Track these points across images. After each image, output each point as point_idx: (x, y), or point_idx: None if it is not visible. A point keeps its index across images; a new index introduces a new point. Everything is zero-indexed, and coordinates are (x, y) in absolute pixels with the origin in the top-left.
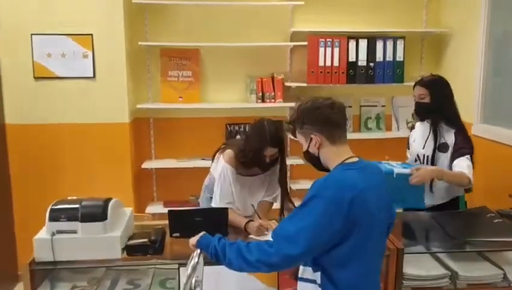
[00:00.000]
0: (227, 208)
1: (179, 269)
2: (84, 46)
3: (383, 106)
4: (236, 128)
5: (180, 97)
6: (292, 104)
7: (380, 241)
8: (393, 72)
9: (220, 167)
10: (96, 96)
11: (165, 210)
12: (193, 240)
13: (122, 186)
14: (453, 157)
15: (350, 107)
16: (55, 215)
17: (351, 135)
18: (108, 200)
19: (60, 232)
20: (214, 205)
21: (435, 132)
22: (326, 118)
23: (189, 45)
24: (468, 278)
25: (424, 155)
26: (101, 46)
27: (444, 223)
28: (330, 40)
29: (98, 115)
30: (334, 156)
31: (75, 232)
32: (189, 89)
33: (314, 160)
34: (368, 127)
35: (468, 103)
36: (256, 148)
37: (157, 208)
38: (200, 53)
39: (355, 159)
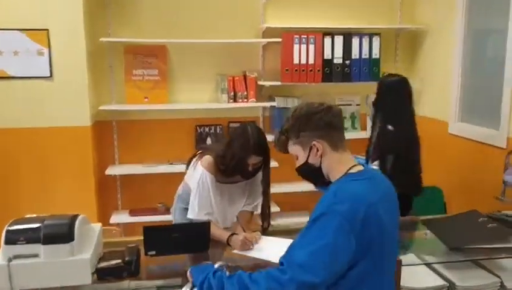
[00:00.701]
0: (209, 222)
1: None
2: (39, 43)
3: (357, 105)
4: (207, 130)
5: (145, 98)
6: (266, 104)
7: (393, 258)
8: (370, 69)
9: (198, 174)
10: (54, 98)
11: (131, 219)
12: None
13: (84, 195)
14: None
15: None
16: (12, 238)
17: None
18: (74, 218)
19: (18, 257)
20: (191, 216)
21: (372, 126)
22: (326, 123)
23: (155, 41)
24: (466, 289)
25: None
26: (58, 43)
27: (438, 231)
28: (305, 36)
29: (57, 118)
30: (337, 164)
31: (36, 256)
32: (155, 88)
33: (314, 172)
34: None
35: (445, 101)
36: (239, 156)
37: (122, 217)
38: (167, 50)
39: (361, 168)
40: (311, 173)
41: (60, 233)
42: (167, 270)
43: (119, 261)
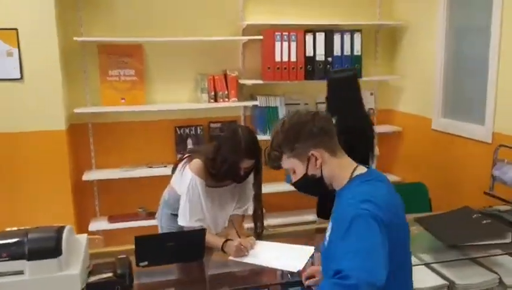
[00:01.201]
0: (205, 229)
1: None
2: (7, 43)
3: None
4: (187, 131)
5: (122, 99)
6: (248, 103)
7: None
8: (352, 66)
9: (188, 179)
10: (26, 101)
11: (111, 226)
12: None
13: (60, 203)
14: None
15: (306, 104)
16: None
17: None
18: (61, 230)
19: (1, 275)
20: (183, 223)
21: None
22: (320, 129)
23: (131, 40)
24: (466, 287)
25: None
26: (29, 43)
27: (433, 229)
28: (286, 33)
29: (29, 122)
30: (339, 170)
31: (21, 273)
32: (132, 89)
33: (316, 184)
34: None
35: (428, 97)
36: (231, 161)
37: (101, 224)
38: (143, 49)
39: (365, 169)
40: (312, 184)
41: (47, 247)
42: (159, 281)
43: (110, 274)
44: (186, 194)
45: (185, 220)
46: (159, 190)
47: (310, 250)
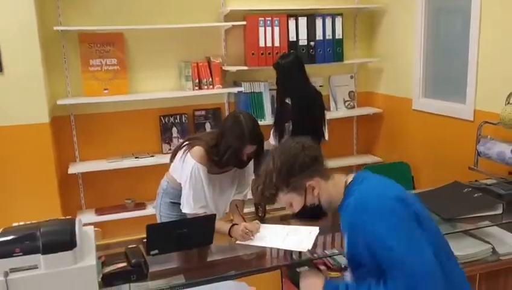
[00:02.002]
0: (215, 215)
1: None
2: None
3: (320, 86)
4: (172, 120)
5: (105, 89)
6: (232, 90)
7: None
8: (334, 50)
9: (190, 167)
10: (6, 94)
11: (99, 219)
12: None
13: (46, 197)
14: None
15: None
16: (7, 250)
17: None
18: (72, 222)
19: (15, 270)
20: (187, 210)
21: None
22: (311, 158)
23: (111, 28)
24: (462, 257)
25: None
26: (7, 33)
27: (429, 204)
28: (269, 18)
29: (11, 116)
30: (334, 190)
31: (36, 267)
32: (115, 79)
33: (314, 210)
34: None
35: (408, 78)
36: (235, 147)
37: (88, 217)
38: (124, 37)
39: (354, 175)
40: (311, 213)
41: (61, 240)
42: (169, 269)
43: (125, 264)
44: (189, 181)
45: (190, 208)
46: (146, 180)
47: (315, 230)
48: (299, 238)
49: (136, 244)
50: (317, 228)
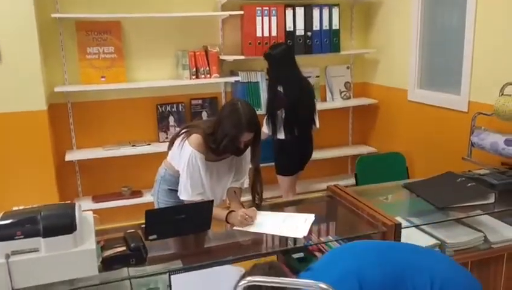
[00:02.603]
0: (212, 201)
1: (170, 276)
2: None
3: (317, 77)
4: (168, 108)
5: (102, 77)
6: (230, 79)
7: None
8: (330, 41)
9: (187, 154)
10: (4, 81)
11: (96, 206)
12: None
13: (43, 184)
14: None
15: None
16: (8, 233)
17: None
18: (72, 206)
19: (16, 253)
20: (185, 197)
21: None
22: None
23: (109, 16)
24: (455, 245)
25: None
26: (4, 20)
27: (424, 193)
28: (267, 8)
29: (8, 103)
30: None
31: (36, 250)
32: (112, 67)
33: None
34: None
35: (403, 69)
36: (232, 135)
37: (85, 204)
38: (121, 26)
39: None
40: None
41: (62, 224)
42: (167, 254)
43: (124, 248)
44: (186, 169)
45: (187, 195)
46: (142, 168)
47: (310, 217)
48: (295, 225)
49: (134, 230)
50: (313, 215)
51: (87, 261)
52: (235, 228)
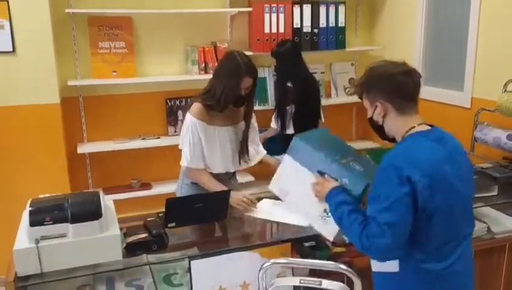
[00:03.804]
0: (229, 191)
1: (189, 262)
2: None
3: (322, 73)
4: (177, 102)
5: (113, 71)
6: None
7: (467, 218)
8: (336, 37)
9: (187, 122)
10: (19, 74)
11: (106, 198)
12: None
13: (56, 176)
14: None
15: None
16: (38, 219)
17: None
18: (97, 194)
19: (45, 238)
20: (185, 164)
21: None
22: (398, 87)
23: (120, 12)
24: None
25: None
26: (20, 15)
27: None
28: (275, 5)
29: (23, 96)
30: (401, 126)
31: (64, 236)
32: (123, 62)
33: (377, 128)
34: None
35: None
36: (232, 83)
37: None
38: (132, 21)
39: (428, 128)
40: (374, 127)
41: (88, 210)
42: (185, 241)
43: (146, 235)
44: (186, 136)
45: (186, 161)
46: (151, 161)
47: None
48: (304, 213)
49: (154, 218)
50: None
51: (112, 246)
52: (245, 213)
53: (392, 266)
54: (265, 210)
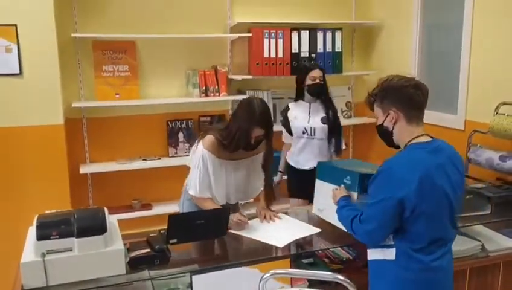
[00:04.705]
0: (229, 208)
1: (191, 277)
2: (7, 39)
3: None
4: (178, 124)
5: (116, 94)
6: (236, 98)
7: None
8: (333, 62)
9: (199, 153)
10: (25, 96)
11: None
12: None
13: (58, 196)
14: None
15: (290, 98)
16: (45, 233)
17: None
18: (102, 210)
19: (51, 252)
20: (192, 193)
21: (326, 108)
22: (409, 98)
23: (124, 36)
24: (454, 253)
25: (310, 128)
26: (28, 39)
27: None
28: (274, 31)
29: (27, 117)
30: (406, 134)
31: (70, 250)
32: (126, 84)
33: (386, 134)
34: None
35: None
36: (244, 128)
37: None
38: (136, 46)
39: (428, 139)
40: (383, 133)
41: (94, 225)
42: (186, 257)
43: (148, 250)
44: (196, 167)
45: (195, 191)
46: (152, 182)
47: (314, 230)
48: (290, 233)
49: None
50: (319, 229)
51: (116, 261)
52: (230, 231)
53: (389, 254)
54: (254, 229)
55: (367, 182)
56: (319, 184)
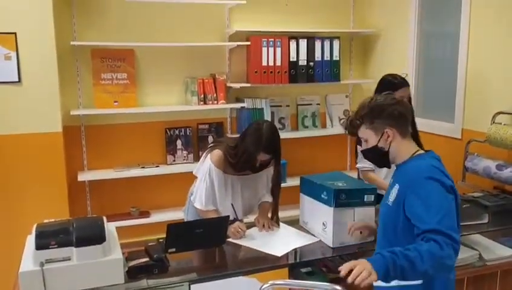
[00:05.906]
0: (228, 217)
1: (189, 286)
2: (6, 47)
3: (317, 104)
4: (177, 132)
5: (115, 102)
6: (236, 105)
7: None
8: (331, 71)
9: (206, 167)
10: (24, 104)
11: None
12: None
13: (56, 203)
14: None
15: (288, 106)
16: (44, 242)
17: (289, 134)
18: (101, 219)
19: (50, 261)
20: (198, 206)
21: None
22: (400, 114)
23: (123, 44)
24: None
25: None
26: (27, 47)
27: None
28: (272, 40)
29: (26, 124)
30: (404, 149)
31: (68, 259)
32: (125, 92)
33: (380, 155)
34: (305, 125)
35: None
36: (250, 151)
37: None
38: (134, 54)
39: (425, 151)
40: (377, 154)
41: (92, 235)
42: (184, 266)
43: (147, 259)
44: (203, 180)
45: (200, 204)
46: (150, 189)
47: (312, 239)
48: (287, 243)
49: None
50: (317, 239)
51: (115, 270)
52: (229, 239)
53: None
54: (252, 238)
55: (342, 197)
56: (303, 198)
